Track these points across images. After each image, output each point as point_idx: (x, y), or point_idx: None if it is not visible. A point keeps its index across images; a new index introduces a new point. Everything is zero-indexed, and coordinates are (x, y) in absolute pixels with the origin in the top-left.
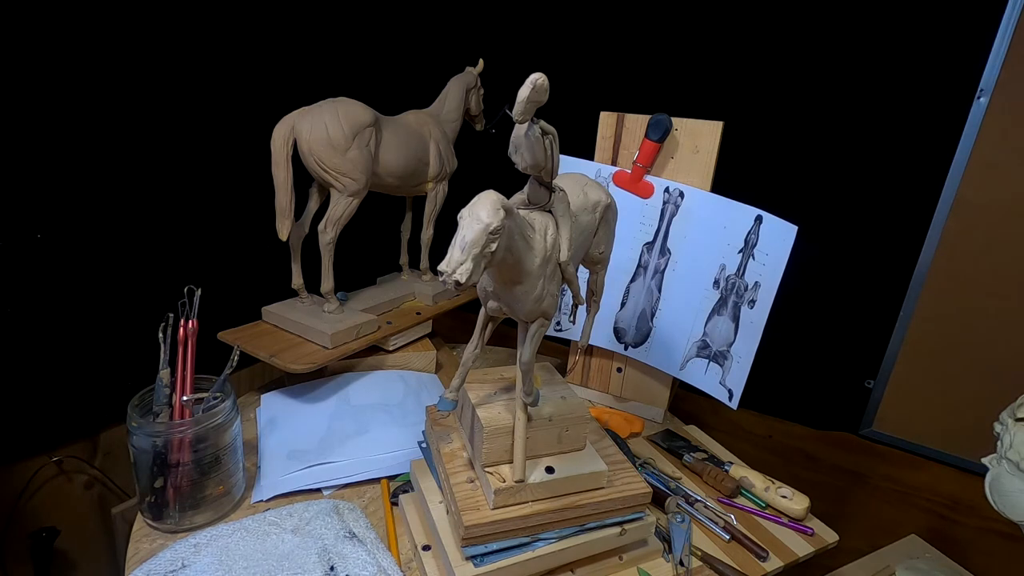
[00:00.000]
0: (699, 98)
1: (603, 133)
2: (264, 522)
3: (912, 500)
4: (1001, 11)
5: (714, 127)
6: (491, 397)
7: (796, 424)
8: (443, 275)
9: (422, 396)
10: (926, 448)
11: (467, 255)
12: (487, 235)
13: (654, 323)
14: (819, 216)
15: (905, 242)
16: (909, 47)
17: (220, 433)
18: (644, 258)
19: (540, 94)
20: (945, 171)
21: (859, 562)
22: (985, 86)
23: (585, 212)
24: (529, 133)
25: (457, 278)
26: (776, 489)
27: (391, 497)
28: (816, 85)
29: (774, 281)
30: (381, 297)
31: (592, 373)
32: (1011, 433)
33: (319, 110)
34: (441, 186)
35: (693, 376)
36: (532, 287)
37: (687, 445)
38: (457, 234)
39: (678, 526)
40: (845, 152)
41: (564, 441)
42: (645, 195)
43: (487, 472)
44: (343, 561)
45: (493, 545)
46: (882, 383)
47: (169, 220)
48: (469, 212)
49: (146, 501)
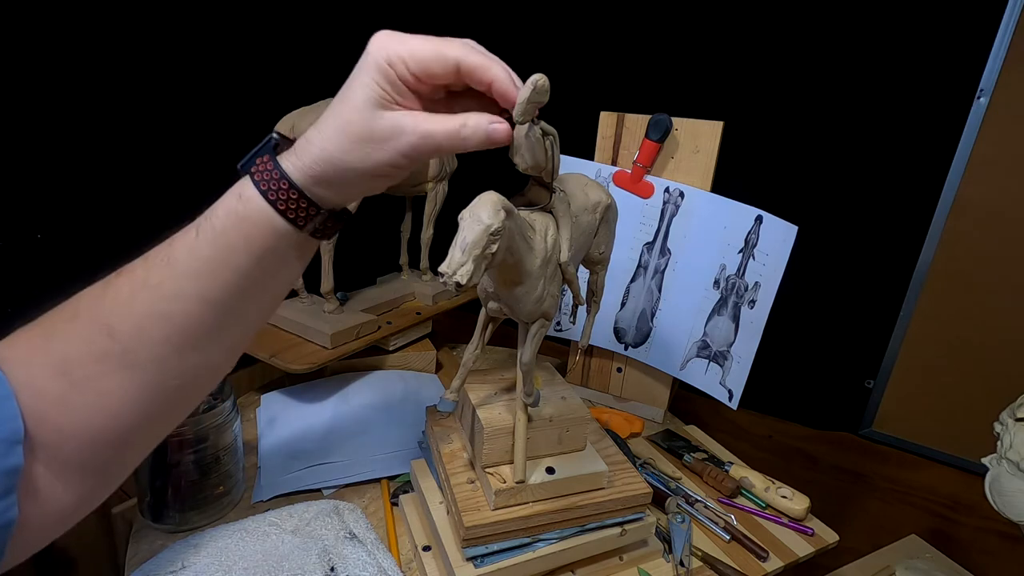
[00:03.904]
0: (699, 98)
1: (603, 133)
2: (264, 522)
3: (912, 500)
4: (1001, 11)
5: (714, 127)
6: (491, 398)
7: (796, 424)
8: (444, 276)
9: (422, 396)
10: (926, 448)
11: (468, 256)
12: (488, 236)
13: (654, 323)
14: (819, 216)
15: (905, 242)
16: (909, 47)
17: (220, 433)
18: (644, 258)
19: (541, 95)
20: (945, 171)
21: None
22: (985, 86)
23: (585, 212)
24: (530, 134)
25: (458, 279)
26: (776, 489)
27: (391, 497)
28: (816, 85)
29: (774, 281)
30: (381, 297)
31: (592, 373)
32: (1011, 433)
33: (319, 110)
34: (441, 186)
35: (693, 376)
36: (533, 288)
37: (687, 445)
38: (458, 235)
39: (678, 526)
40: (845, 152)
41: (564, 441)
42: (645, 195)
43: (487, 473)
44: (343, 562)
45: (494, 546)
46: (882, 383)
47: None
48: (470, 213)
49: (146, 501)
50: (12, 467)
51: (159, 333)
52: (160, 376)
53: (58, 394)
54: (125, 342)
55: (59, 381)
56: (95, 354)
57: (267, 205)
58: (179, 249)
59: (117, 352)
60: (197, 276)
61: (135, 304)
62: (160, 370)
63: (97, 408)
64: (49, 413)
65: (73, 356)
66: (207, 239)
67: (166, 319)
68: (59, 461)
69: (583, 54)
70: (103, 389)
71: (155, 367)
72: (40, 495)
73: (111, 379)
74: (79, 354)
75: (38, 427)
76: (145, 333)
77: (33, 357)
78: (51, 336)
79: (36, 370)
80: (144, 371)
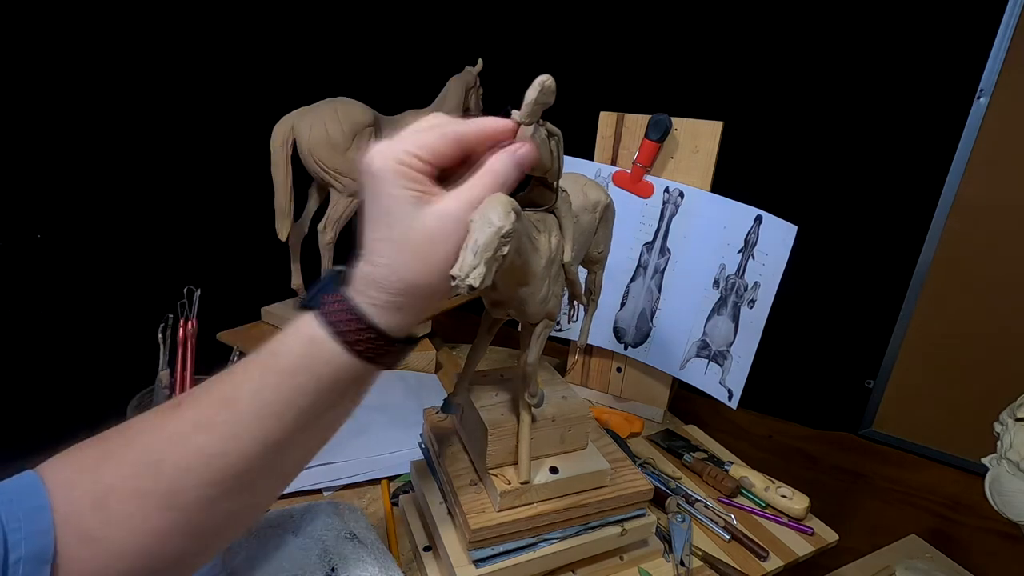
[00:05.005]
0: (699, 98)
1: (603, 133)
2: (264, 523)
3: (912, 500)
4: (1001, 11)
5: (714, 127)
6: (493, 399)
7: (796, 424)
8: (456, 280)
9: (422, 396)
10: (926, 448)
11: (480, 259)
12: (499, 238)
13: (654, 323)
14: (819, 216)
15: (905, 242)
16: (909, 47)
17: None
18: (644, 258)
19: (548, 96)
20: (945, 171)
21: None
22: (985, 86)
23: (586, 212)
24: (535, 135)
25: (471, 282)
26: (776, 489)
27: (391, 498)
28: (816, 85)
29: (774, 281)
30: None
31: (592, 373)
32: (1011, 433)
33: (319, 110)
34: None
35: (693, 376)
36: (537, 288)
37: (687, 445)
38: (468, 238)
39: (678, 526)
40: (845, 152)
41: (567, 441)
42: (645, 195)
43: (491, 474)
44: (344, 562)
45: (499, 547)
46: (882, 383)
47: (169, 220)
48: (480, 215)
49: None
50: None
51: (210, 475)
52: (202, 519)
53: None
54: (171, 482)
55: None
56: (138, 491)
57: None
58: (241, 388)
59: (161, 491)
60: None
61: (191, 442)
62: (203, 513)
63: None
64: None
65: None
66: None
67: (219, 460)
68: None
69: (583, 54)
70: (138, 528)
71: (198, 510)
72: None
73: (149, 519)
74: (122, 488)
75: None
76: (194, 474)
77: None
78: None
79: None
80: (186, 513)
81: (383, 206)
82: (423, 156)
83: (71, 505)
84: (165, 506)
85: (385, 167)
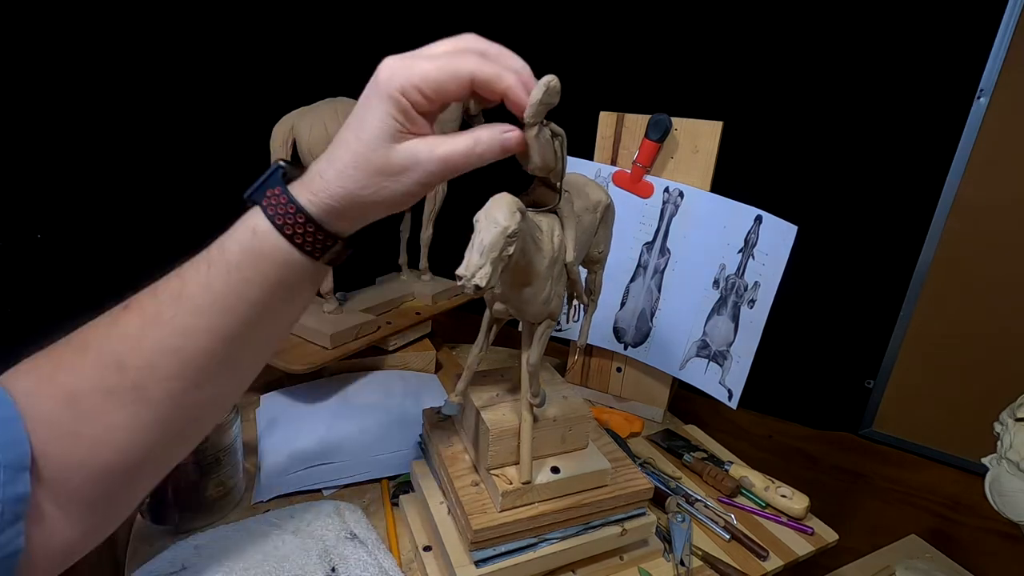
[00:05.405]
0: (699, 98)
1: (603, 133)
2: (265, 523)
3: (912, 500)
4: (1001, 11)
5: (714, 127)
6: (494, 399)
7: (796, 424)
8: (462, 280)
9: (422, 396)
10: (926, 448)
11: (486, 259)
12: (505, 238)
13: (654, 323)
14: (819, 216)
15: (905, 242)
16: (909, 47)
17: (220, 434)
18: (644, 258)
19: (553, 96)
20: (945, 171)
21: (859, 562)
22: (985, 86)
23: (587, 212)
24: (540, 135)
25: (477, 282)
26: (776, 489)
27: (391, 497)
28: (816, 85)
29: (774, 281)
30: (380, 297)
31: (591, 373)
32: (1011, 433)
33: (319, 110)
34: (440, 186)
35: (693, 376)
36: (540, 289)
37: (687, 445)
38: (474, 238)
39: (678, 526)
40: (845, 152)
41: (568, 441)
42: (645, 195)
43: (493, 475)
44: (344, 562)
45: (501, 547)
46: (882, 383)
47: (169, 220)
48: (485, 215)
49: (146, 502)
50: (20, 495)
51: (171, 369)
52: (171, 411)
53: (65, 426)
54: (136, 378)
55: (66, 413)
56: (105, 388)
57: (284, 240)
58: (190, 284)
59: (127, 387)
60: (210, 311)
61: (146, 340)
62: (171, 405)
63: (105, 442)
64: (55, 445)
65: (82, 389)
66: (219, 274)
67: (178, 354)
68: (64, 494)
69: (583, 54)
70: (111, 423)
71: (166, 402)
72: (45, 528)
73: (120, 414)
74: (88, 387)
75: (44, 458)
76: (157, 369)
77: (40, 387)
78: (59, 367)
79: (43, 400)
80: (155, 406)
81: (366, 116)
82: (427, 93)
83: (38, 409)
84: (134, 400)
85: (388, 87)
